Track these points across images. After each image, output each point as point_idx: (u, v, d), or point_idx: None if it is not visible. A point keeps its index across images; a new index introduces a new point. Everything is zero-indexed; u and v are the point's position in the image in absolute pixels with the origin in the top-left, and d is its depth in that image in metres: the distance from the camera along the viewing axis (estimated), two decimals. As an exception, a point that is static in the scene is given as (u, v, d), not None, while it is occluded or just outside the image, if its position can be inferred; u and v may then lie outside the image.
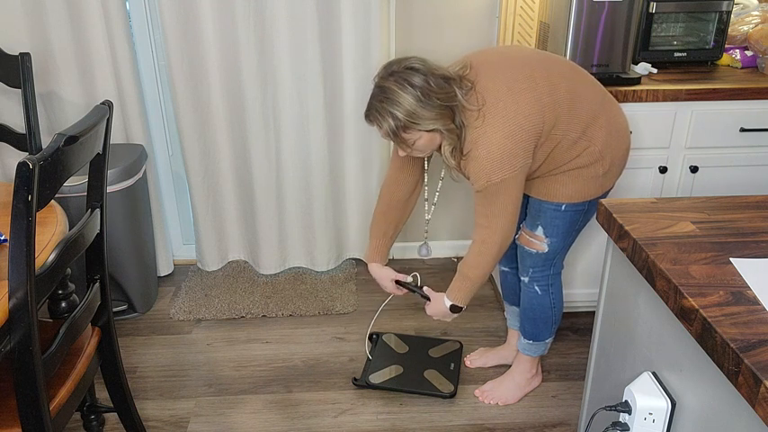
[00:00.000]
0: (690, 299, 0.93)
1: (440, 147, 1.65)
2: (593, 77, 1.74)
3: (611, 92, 2.00)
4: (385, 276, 1.94)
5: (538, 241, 1.83)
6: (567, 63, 1.73)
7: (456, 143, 1.61)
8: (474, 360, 2.22)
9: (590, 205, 1.78)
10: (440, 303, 1.82)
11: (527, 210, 1.87)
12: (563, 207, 1.76)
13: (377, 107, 1.57)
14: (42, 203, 1.18)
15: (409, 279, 1.94)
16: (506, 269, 2.11)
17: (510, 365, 2.14)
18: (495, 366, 2.20)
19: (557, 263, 1.89)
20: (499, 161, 1.56)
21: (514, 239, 1.95)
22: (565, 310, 2.42)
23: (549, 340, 2.02)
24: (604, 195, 1.80)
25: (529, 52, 1.71)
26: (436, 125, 1.56)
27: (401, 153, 1.69)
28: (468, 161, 1.61)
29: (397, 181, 1.89)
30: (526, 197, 1.86)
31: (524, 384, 2.08)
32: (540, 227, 1.81)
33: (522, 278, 1.93)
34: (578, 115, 1.64)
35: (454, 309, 1.80)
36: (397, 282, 1.94)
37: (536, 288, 1.91)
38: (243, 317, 2.49)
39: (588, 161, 1.69)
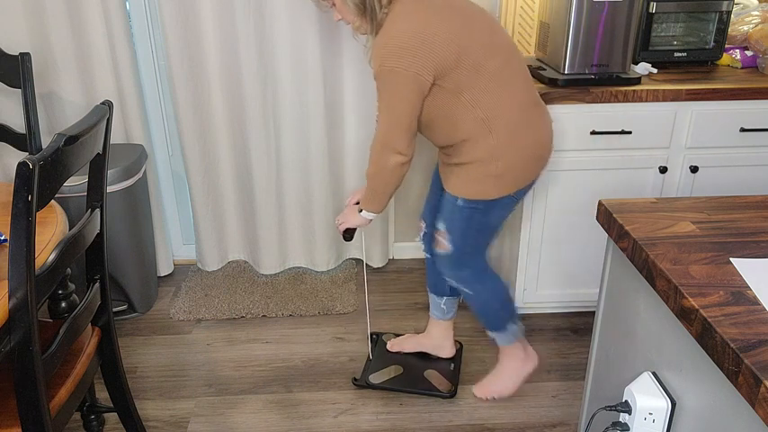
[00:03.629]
0: (690, 299, 0.92)
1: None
2: (534, 89, 1.74)
3: (611, 92, 2.00)
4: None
5: (442, 239, 1.84)
6: (520, 58, 1.72)
7: (359, 22, 1.70)
8: (394, 345, 2.25)
9: (487, 206, 1.76)
10: (351, 207, 1.94)
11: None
12: (458, 201, 1.77)
13: None
14: (42, 203, 1.18)
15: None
16: (428, 255, 2.13)
17: (426, 353, 2.21)
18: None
19: (471, 264, 1.87)
20: (397, 50, 1.58)
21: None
22: (565, 310, 2.43)
23: (514, 327, 1.99)
24: (509, 205, 1.78)
25: (496, 24, 1.71)
26: None
27: (335, 18, 1.76)
28: (374, 47, 1.65)
29: None
30: (441, 191, 1.86)
31: (518, 370, 2.05)
32: (441, 221, 1.83)
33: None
34: (493, 98, 1.65)
35: (360, 209, 1.89)
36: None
37: (464, 289, 1.91)
38: (243, 317, 2.49)
39: (482, 155, 1.70)
